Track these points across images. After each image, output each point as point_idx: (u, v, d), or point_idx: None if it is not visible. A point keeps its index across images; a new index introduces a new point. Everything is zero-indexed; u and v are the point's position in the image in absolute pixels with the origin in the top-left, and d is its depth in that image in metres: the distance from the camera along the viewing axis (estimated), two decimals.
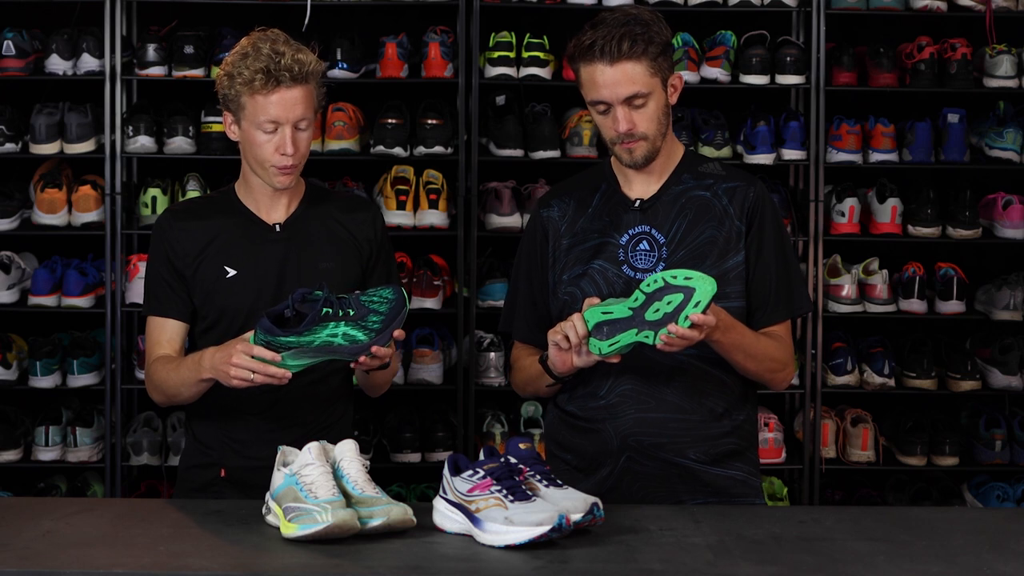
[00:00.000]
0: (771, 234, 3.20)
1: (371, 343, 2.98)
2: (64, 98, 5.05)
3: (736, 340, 3.10)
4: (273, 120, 3.17)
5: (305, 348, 2.96)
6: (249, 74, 3.16)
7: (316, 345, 2.96)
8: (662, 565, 2.60)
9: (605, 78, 3.09)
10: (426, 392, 5.11)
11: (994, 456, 5.10)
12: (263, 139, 3.20)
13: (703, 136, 5.06)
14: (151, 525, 2.84)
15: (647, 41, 3.09)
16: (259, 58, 3.16)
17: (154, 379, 3.27)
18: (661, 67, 3.12)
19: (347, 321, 2.97)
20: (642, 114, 3.12)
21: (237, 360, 2.99)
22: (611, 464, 3.19)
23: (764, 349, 3.16)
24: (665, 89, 3.14)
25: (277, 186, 3.25)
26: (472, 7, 4.99)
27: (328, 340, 2.96)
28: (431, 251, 5.15)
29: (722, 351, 3.11)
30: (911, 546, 2.75)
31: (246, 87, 3.17)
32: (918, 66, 5.10)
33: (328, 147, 4.97)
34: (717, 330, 3.03)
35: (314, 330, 2.96)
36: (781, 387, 3.28)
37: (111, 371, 4.97)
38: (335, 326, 2.97)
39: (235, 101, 3.21)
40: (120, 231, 4.97)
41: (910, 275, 5.14)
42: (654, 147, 3.16)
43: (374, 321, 2.98)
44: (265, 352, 2.97)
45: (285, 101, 3.17)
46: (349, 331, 2.97)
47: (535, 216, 3.33)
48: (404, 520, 2.74)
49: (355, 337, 2.97)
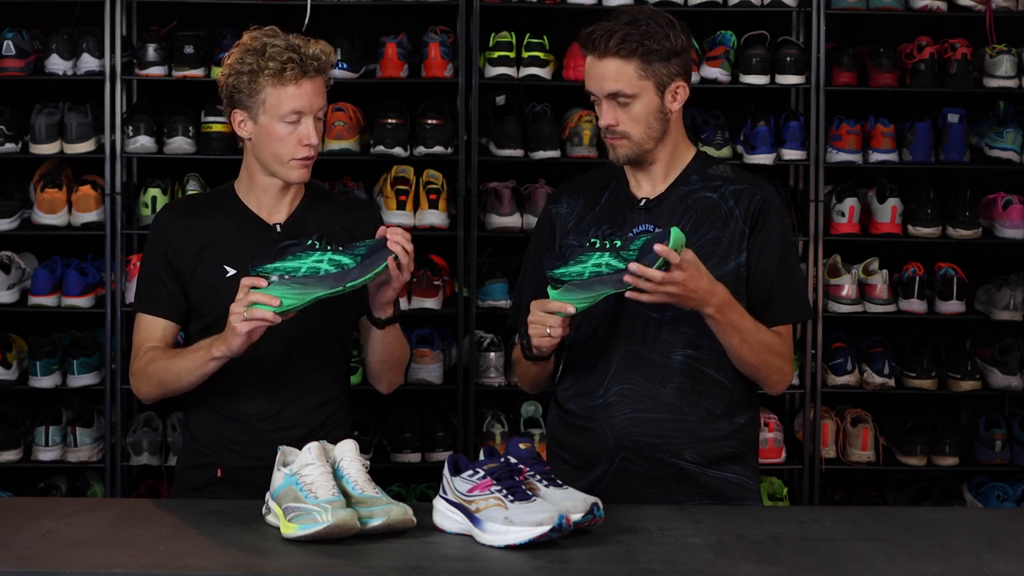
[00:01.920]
0: (774, 238, 3.19)
1: (358, 267, 2.98)
2: (64, 98, 5.05)
3: (734, 320, 3.07)
4: (298, 110, 3.18)
5: (294, 277, 2.97)
6: (277, 65, 3.16)
7: (303, 273, 2.97)
8: (662, 565, 2.60)
9: (593, 71, 3.15)
10: (426, 392, 5.11)
11: (994, 456, 5.10)
12: (285, 132, 3.19)
13: (703, 136, 5.06)
14: (151, 525, 2.84)
15: (642, 43, 3.09)
16: (283, 50, 3.17)
17: (148, 369, 3.24)
18: (656, 71, 3.12)
19: (333, 252, 2.99)
20: (627, 113, 3.14)
21: (233, 306, 3.02)
22: (606, 463, 3.19)
23: (763, 339, 3.14)
24: (661, 93, 3.14)
25: (295, 180, 3.24)
26: (472, 7, 4.99)
27: (315, 267, 2.97)
28: (431, 251, 5.15)
29: (718, 330, 3.08)
30: (911, 546, 2.75)
31: (274, 78, 3.16)
32: (918, 66, 5.10)
33: (328, 147, 4.97)
34: (710, 304, 3.01)
35: (299, 256, 2.98)
36: (777, 390, 3.25)
37: (111, 371, 4.97)
38: (321, 255, 2.98)
39: (254, 96, 3.19)
40: (120, 231, 4.97)
41: (910, 275, 5.14)
42: (640, 149, 3.17)
43: (359, 250, 3.00)
44: (252, 280, 3.00)
45: (310, 91, 3.19)
46: (335, 257, 2.98)
47: (544, 211, 3.35)
48: (404, 520, 2.74)
49: (341, 261, 2.98)
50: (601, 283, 2.97)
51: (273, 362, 3.24)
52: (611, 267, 2.95)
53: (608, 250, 2.95)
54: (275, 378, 3.27)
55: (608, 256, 2.95)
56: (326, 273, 2.98)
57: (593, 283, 2.97)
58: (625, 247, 2.94)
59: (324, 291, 3.00)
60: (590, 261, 2.96)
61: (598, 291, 2.99)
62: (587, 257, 2.97)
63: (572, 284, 2.99)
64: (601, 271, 2.95)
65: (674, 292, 2.95)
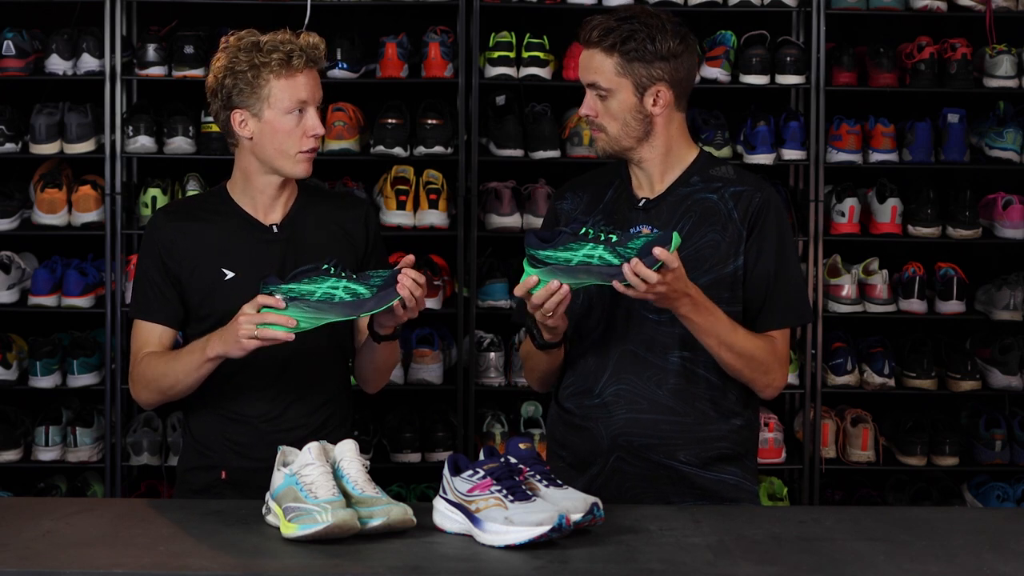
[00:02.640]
0: (771, 242, 3.18)
1: (373, 299, 2.98)
2: (64, 98, 5.05)
3: (708, 323, 3.06)
4: (303, 100, 3.19)
5: (307, 300, 2.97)
6: (281, 56, 3.17)
7: (317, 297, 2.97)
8: (662, 565, 2.60)
9: (580, 59, 3.21)
10: (426, 392, 5.11)
11: (994, 456, 5.10)
12: (290, 124, 3.19)
13: (703, 136, 5.05)
14: (151, 525, 2.84)
15: (625, 41, 3.10)
16: (280, 43, 3.18)
17: (147, 373, 3.24)
18: (635, 71, 3.12)
19: (348, 280, 2.99)
20: (604, 107, 3.17)
21: (244, 318, 3.01)
22: (601, 463, 3.19)
23: (743, 343, 3.12)
24: (640, 94, 3.14)
25: (300, 174, 3.25)
26: (472, 7, 4.99)
27: (330, 293, 2.97)
28: (431, 251, 5.15)
29: (695, 332, 3.08)
30: (911, 546, 2.75)
31: (280, 68, 3.17)
32: (918, 66, 5.10)
33: (328, 147, 4.97)
34: (684, 303, 3.00)
35: (315, 280, 2.98)
36: (767, 393, 3.22)
37: (111, 371, 4.97)
38: (336, 281, 2.98)
39: (254, 93, 3.19)
40: (120, 231, 4.97)
41: (910, 275, 5.14)
42: (618, 145, 3.17)
43: (375, 281, 3.00)
44: (269, 300, 2.99)
45: (310, 81, 3.22)
46: (350, 285, 2.98)
47: (550, 207, 3.37)
48: (404, 520, 2.74)
49: (356, 291, 2.98)
50: (588, 273, 2.95)
51: (274, 364, 3.24)
52: (603, 260, 2.93)
53: (603, 243, 2.94)
54: (277, 380, 3.27)
55: (602, 249, 2.93)
56: (340, 300, 2.98)
57: (579, 271, 2.95)
58: (623, 244, 2.93)
59: (337, 317, 3.01)
60: (581, 251, 2.94)
61: (581, 279, 2.97)
62: (579, 246, 2.94)
63: (556, 268, 2.96)
64: (591, 262, 2.93)
65: (661, 292, 2.95)
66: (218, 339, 3.09)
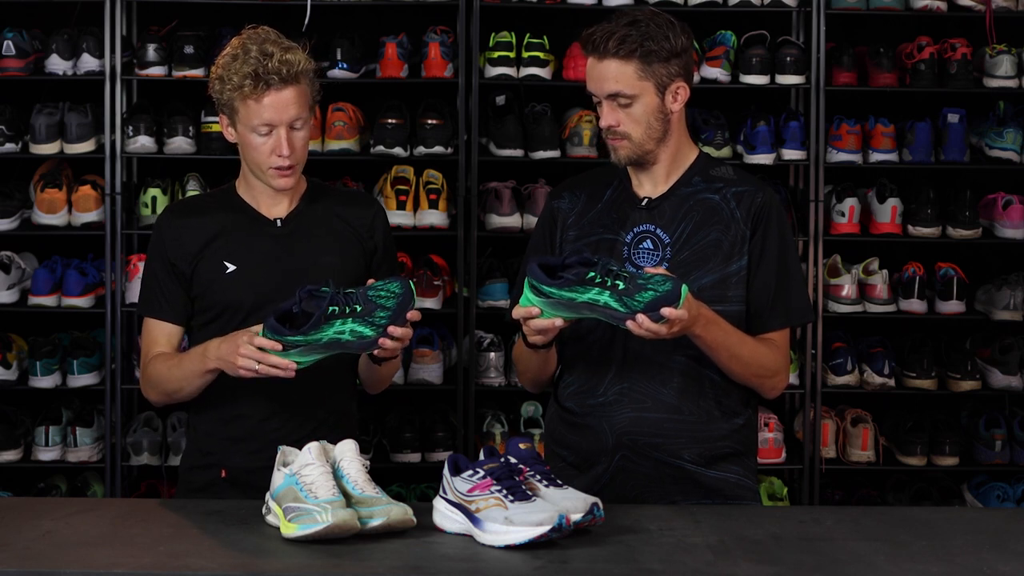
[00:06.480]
0: (774, 241, 3.19)
1: (378, 338, 2.98)
2: (64, 98, 5.05)
3: (719, 338, 3.08)
4: (267, 123, 3.16)
5: (313, 345, 2.97)
6: (238, 79, 3.14)
7: (324, 342, 2.97)
8: (662, 565, 2.60)
9: (593, 72, 3.16)
10: (426, 392, 5.11)
11: (994, 456, 5.10)
12: (258, 142, 3.19)
13: (703, 136, 5.05)
14: (151, 525, 2.84)
15: (641, 44, 3.10)
16: (247, 61, 3.14)
17: (153, 377, 3.26)
18: (656, 72, 3.13)
19: (354, 318, 2.97)
20: (627, 114, 3.15)
21: (244, 350, 3.00)
22: (605, 462, 3.19)
23: (751, 353, 3.15)
24: (661, 94, 3.15)
25: (277, 187, 3.24)
26: (472, 7, 4.99)
27: (335, 337, 2.97)
28: (431, 251, 5.15)
29: (705, 348, 3.10)
30: (911, 546, 2.75)
31: (236, 92, 3.16)
32: (918, 66, 5.10)
33: (328, 147, 4.97)
34: (698, 324, 3.02)
35: (321, 328, 2.96)
36: (771, 395, 3.25)
37: (111, 371, 4.97)
38: (342, 323, 2.97)
39: (228, 105, 3.20)
40: (120, 231, 4.97)
41: (910, 275, 5.14)
42: (641, 149, 3.17)
43: (381, 317, 2.98)
44: (267, 343, 2.98)
45: (277, 103, 3.16)
46: (356, 327, 2.97)
47: (547, 205, 3.36)
48: (404, 520, 2.74)
49: (362, 333, 2.98)
50: (592, 311, 2.94)
51: None
52: (608, 306, 2.91)
53: (609, 288, 2.91)
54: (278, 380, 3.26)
55: (608, 296, 2.90)
56: (347, 342, 2.98)
57: (582, 308, 2.94)
58: (630, 294, 2.89)
59: (341, 351, 3.02)
60: (587, 294, 2.92)
61: (583, 315, 2.97)
62: (584, 289, 2.92)
63: (559, 303, 2.95)
64: (596, 304, 2.92)
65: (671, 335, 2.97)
66: (216, 354, 3.09)
